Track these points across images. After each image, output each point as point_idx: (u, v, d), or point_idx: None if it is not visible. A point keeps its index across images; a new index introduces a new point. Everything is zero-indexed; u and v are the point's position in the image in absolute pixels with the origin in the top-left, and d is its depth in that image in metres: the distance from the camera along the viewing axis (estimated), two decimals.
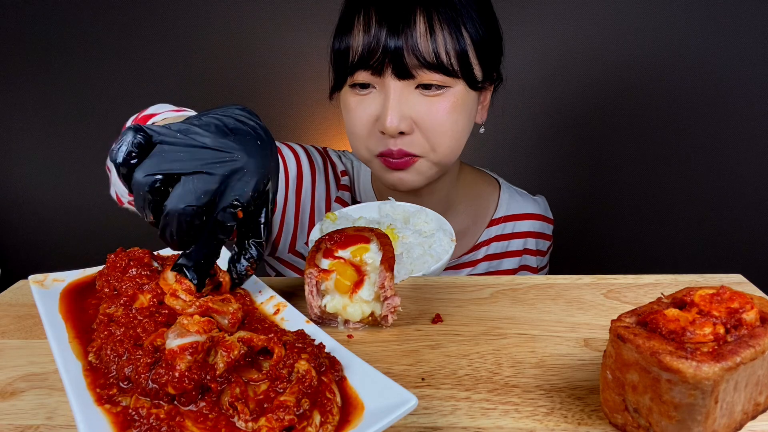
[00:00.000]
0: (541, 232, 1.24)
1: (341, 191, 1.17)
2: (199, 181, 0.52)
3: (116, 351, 0.50)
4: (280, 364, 0.49)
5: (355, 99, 0.98)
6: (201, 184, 0.52)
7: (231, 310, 0.56)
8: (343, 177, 1.19)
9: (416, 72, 0.91)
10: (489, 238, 1.20)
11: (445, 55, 0.91)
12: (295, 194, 1.12)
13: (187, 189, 0.51)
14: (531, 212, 1.23)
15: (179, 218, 0.52)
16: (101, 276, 0.65)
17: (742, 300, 0.45)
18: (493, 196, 1.23)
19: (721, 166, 2.30)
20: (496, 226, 1.20)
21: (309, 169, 1.13)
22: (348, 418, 0.46)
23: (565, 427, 0.49)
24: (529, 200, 1.25)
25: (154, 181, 0.51)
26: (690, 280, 0.73)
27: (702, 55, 2.18)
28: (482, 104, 1.07)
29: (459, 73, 0.94)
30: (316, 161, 1.15)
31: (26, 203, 2.65)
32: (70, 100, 2.46)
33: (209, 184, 0.52)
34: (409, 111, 0.94)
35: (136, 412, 0.45)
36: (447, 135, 0.96)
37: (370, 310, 0.64)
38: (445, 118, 0.95)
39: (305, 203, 1.14)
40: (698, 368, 0.40)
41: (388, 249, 0.66)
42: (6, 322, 0.68)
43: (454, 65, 0.93)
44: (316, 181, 1.14)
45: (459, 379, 0.55)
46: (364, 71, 0.94)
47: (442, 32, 0.91)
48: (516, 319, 0.66)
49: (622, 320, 0.47)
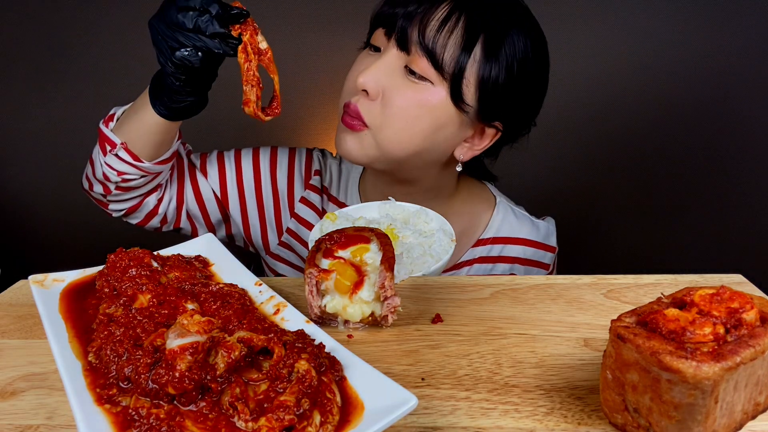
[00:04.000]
0: (534, 260, 1.16)
1: (308, 191, 1.17)
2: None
3: (116, 351, 0.50)
4: (280, 364, 0.49)
5: (362, 55, 1.03)
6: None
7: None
8: (314, 176, 1.18)
9: (413, 47, 0.93)
10: (473, 258, 1.15)
11: (445, 42, 0.91)
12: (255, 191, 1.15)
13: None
14: (524, 237, 1.16)
15: None
16: (101, 276, 0.65)
17: (742, 300, 0.45)
18: (485, 214, 1.17)
19: (721, 166, 2.30)
20: (483, 246, 1.15)
21: (269, 166, 1.15)
22: (348, 418, 0.46)
23: (565, 427, 0.49)
24: (527, 224, 1.17)
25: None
26: (690, 280, 0.73)
27: (701, 56, 2.18)
28: (472, 142, 1.03)
29: (447, 70, 0.92)
30: (280, 159, 1.17)
31: (26, 203, 2.64)
32: (71, 100, 2.46)
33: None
34: (384, 80, 0.95)
35: (136, 412, 0.45)
36: (401, 120, 0.95)
37: (370, 311, 0.64)
38: (408, 104, 0.94)
39: (266, 200, 1.16)
40: (698, 368, 0.40)
41: (388, 249, 0.66)
42: (6, 322, 0.68)
43: (447, 59, 0.92)
44: (276, 179, 1.15)
45: (459, 379, 0.55)
46: (380, 29, 0.98)
47: (454, 34, 0.91)
48: (516, 319, 0.66)
49: (622, 320, 0.47)
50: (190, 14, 0.80)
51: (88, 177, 1.04)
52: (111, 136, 0.96)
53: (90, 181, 1.04)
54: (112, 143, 0.96)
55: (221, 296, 0.61)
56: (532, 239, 1.16)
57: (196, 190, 1.11)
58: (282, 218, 1.17)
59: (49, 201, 2.63)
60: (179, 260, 0.69)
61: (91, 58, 2.41)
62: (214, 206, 1.13)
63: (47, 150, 2.56)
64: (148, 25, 0.84)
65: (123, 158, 0.96)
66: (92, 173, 1.02)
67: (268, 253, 1.20)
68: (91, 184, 1.04)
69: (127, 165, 0.97)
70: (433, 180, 1.09)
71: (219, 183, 1.12)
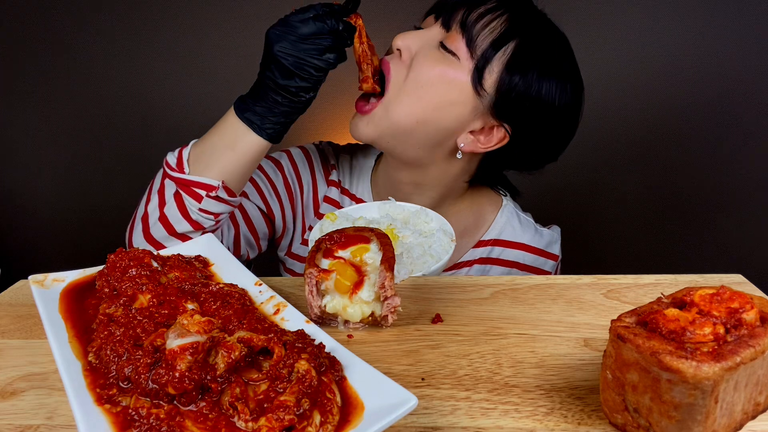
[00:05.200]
0: (533, 267, 1.16)
1: (330, 187, 1.18)
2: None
3: (116, 351, 0.50)
4: (280, 364, 0.49)
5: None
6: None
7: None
8: (332, 170, 1.19)
9: (454, 25, 0.98)
10: (473, 259, 1.15)
11: (483, 26, 0.96)
12: (288, 197, 1.15)
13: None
14: (525, 243, 1.15)
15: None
16: (101, 276, 0.65)
17: (742, 300, 0.45)
18: (490, 215, 1.18)
19: (721, 166, 2.30)
20: (483, 248, 1.15)
21: (292, 170, 1.16)
22: (348, 418, 0.46)
23: (565, 427, 0.49)
24: (530, 230, 1.17)
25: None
26: (690, 280, 0.73)
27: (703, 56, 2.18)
28: (478, 136, 1.02)
29: (477, 50, 0.96)
30: (299, 161, 1.17)
31: (26, 203, 2.64)
32: (71, 101, 2.46)
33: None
34: (417, 46, 1.00)
35: (136, 412, 0.45)
36: (419, 85, 0.98)
37: (370, 311, 0.64)
38: (431, 72, 0.97)
39: (297, 203, 1.16)
40: (698, 368, 0.40)
41: (388, 249, 0.66)
42: (6, 322, 0.68)
43: (479, 40, 0.96)
44: (302, 181, 1.16)
45: (459, 379, 0.55)
46: (431, 16, 1.03)
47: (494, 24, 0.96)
48: (516, 319, 0.66)
49: (622, 320, 0.47)
50: (311, 22, 0.88)
51: (153, 238, 0.94)
52: (205, 180, 0.91)
53: (156, 242, 0.94)
54: (210, 187, 0.91)
55: (221, 296, 0.61)
56: (532, 245, 1.16)
57: (244, 213, 1.10)
58: (306, 218, 1.17)
59: (49, 201, 2.63)
60: (179, 260, 0.69)
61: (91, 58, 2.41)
62: (262, 223, 1.13)
63: (47, 150, 2.56)
64: (270, 45, 0.88)
65: (223, 198, 0.92)
66: (166, 231, 0.93)
67: (289, 253, 1.19)
68: (158, 244, 0.94)
69: (224, 204, 0.93)
70: (440, 173, 1.08)
71: (260, 198, 1.12)
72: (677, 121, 2.26)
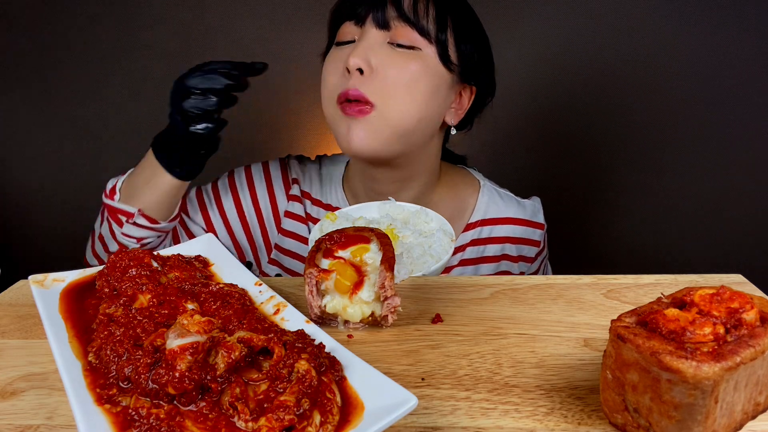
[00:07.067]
0: (524, 238, 1.19)
1: (291, 202, 1.17)
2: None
3: (116, 351, 0.50)
4: (280, 364, 0.49)
5: (332, 53, 1.05)
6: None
7: None
8: (293, 185, 1.17)
9: (393, 23, 0.98)
10: (465, 243, 1.17)
11: (423, 13, 0.99)
12: (240, 218, 1.16)
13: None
14: (511, 216, 1.18)
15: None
16: (101, 276, 0.65)
17: (742, 300, 0.45)
18: (472, 198, 1.19)
19: (721, 166, 2.30)
20: (473, 230, 1.17)
21: (247, 189, 1.17)
22: (348, 418, 0.46)
23: (565, 427, 0.49)
24: (513, 203, 1.20)
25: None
26: (690, 280, 0.73)
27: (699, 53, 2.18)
28: (457, 106, 1.09)
29: (432, 35, 0.99)
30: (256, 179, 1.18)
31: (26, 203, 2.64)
32: (70, 101, 2.46)
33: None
34: (374, 56, 0.98)
35: (136, 412, 0.45)
36: (402, 88, 0.97)
37: (370, 311, 0.64)
38: (404, 72, 0.98)
39: (252, 222, 1.17)
40: (698, 368, 0.40)
41: (388, 249, 0.66)
42: (6, 322, 0.68)
43: (429, 26, 0.99)
44: (258, 198, 1.17)
45: (459, 379, 0.55)
46: (349, 22, 1.02)
47: (429, 7, 1.00)
48: (516, 319, 0.66)
49: (622, 320, 0.47)
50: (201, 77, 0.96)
51: (97, 253, 1.07)
52: (124, 207, 1.00)
53: (99, 257, 1.07)
54: (128, 213, 1.00)
55: (221, 296, 0.61)
56: (519, 217, 1.19)
57: (191, 236, 1.13)
58: (269, 237, 1.18)
59: (49, 201, 2.63)
60: (179, 260, 0.69)
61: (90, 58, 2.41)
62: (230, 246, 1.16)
63: (47, 150, 2.56)
64: (172, 93, 0.99)
65: (141, 224, 1.01)
66: (102, 249, 1.06)
67: (261, 272, 1.20)
68: (100, 260, 1.07)
69: (145, 230, 1.01)
70: (423, 160, 1.10)
71: (206, 226, 1.14)
72: (678, 119, 2.26)
